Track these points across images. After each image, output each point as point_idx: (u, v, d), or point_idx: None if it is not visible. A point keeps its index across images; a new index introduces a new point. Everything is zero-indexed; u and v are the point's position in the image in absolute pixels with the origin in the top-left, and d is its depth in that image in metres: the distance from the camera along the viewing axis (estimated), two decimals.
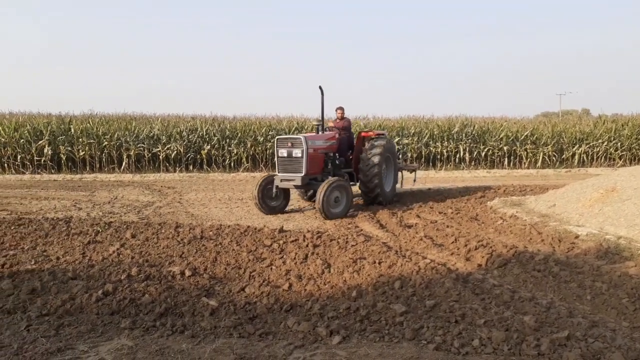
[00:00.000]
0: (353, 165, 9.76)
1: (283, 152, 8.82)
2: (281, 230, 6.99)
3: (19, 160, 16.82)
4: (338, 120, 10.05)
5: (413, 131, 18.82)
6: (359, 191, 9.71)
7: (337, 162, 9.41)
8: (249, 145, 17.75)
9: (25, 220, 8.00)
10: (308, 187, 9.12)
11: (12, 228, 7.34)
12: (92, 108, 22.90)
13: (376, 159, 9.18)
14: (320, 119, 9.52)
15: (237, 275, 5.17)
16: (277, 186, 8.92)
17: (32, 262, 5.51)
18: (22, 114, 20.28)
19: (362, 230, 7.28)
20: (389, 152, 9.80)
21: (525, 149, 19.44)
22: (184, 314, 4.16)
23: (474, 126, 19.76)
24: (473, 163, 19.19)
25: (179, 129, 18.36)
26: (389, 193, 9.88)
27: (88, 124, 18.12)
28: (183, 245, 6.34)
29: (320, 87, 9.36)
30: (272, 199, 9.17)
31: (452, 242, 6.42)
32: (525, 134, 19.61)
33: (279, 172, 8.97)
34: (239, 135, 18.11)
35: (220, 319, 4.01)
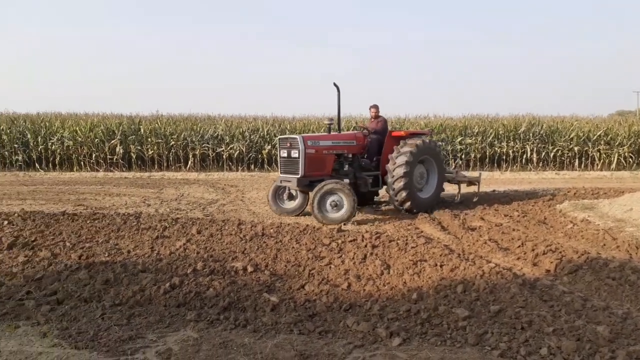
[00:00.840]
0: (381, 167, 9.12)
1: (283, 153, 8.65)
2: (339, 230, 7.01)
3: (93, 159, 17.91)
4: (372, 120, 9.69)
5: (477, 130, 18.25)
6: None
7: (362, 164, 9.02)
8: None
9: (99, 215, 8.50)
10: (310, 188, 8.37)
11: (88, 222, 7.82)
12: (160, 109, 23.96)
13: (403, 159, 8.51)
14: (331, 118, 9.36)
15: (296, 272, 5.23)
16: (288, 187, 8.82)
17: (106, 255, 5.84)
18: (96, 115, 21.56)
19: (422, 232, 7.15)
20: (427, 153, 8.98)
21: (598, 150, 18.36)
22: (246, 308, 4.26)
23: (542, 125, 18.88)
24: (541, 164, 18.35)
25: (241, 129, 18.86)
26: (425, 200, 8.99)
27: (156, 124, 18.99)
28: (245, 241, 6.50)
29: (335, 85, 8.99)
30: (286, 200, 9.13)
31: (519, 246, 6.17)
32: (598, 133, 18.51)
33: (280, 173, 8.86)
34: None
35: (281, 315, 4.07)
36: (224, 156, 18.24)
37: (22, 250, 5.97)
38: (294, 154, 8.43)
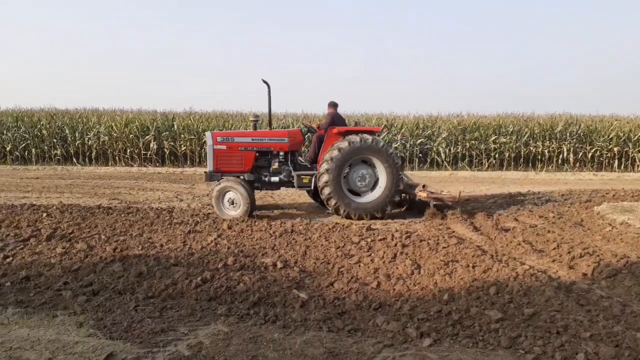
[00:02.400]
0: (317, 166, 8.55)
1: (205, 148, 8.51)
2: (369, 229, 6.97)
3: (128, 154, 18.32)
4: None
5: (511, 129, 17.83)
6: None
7: (298, 163, 8.81)
8: None
9: (134, 209, 8.69)
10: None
11: (122, 216, 8.01)
12: (192, 106, 24.31)
13: (328, 159, 8.08)
14: (256, 114, 9.08)
15: (325, 270, 5.23)
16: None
17: (140, 248, 5.96)
18: (131, 111, 22.04)
19: (454, 232, 7.03)
20: (364, 153, 8.22)
21: (639, 151, 17.67)
22: (276, 304, 4.28)
23: (580, 125, 18.30)
24: (578, 165, 17.80)
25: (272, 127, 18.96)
26: (366, 205, 8.19)
27: (189, 121, 19.27)
28: (275, 238, 6.53)
29: (265, 81, 8.74)
30: None
31: (554, 248, 6.00)
32: None
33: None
34: None
35: (310, 312, 4.08)
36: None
37: (59, 242, 6.15)
38: (207, 149, 8.65)
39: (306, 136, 9.54)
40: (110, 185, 12.40)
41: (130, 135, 18.34)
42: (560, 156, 17.74)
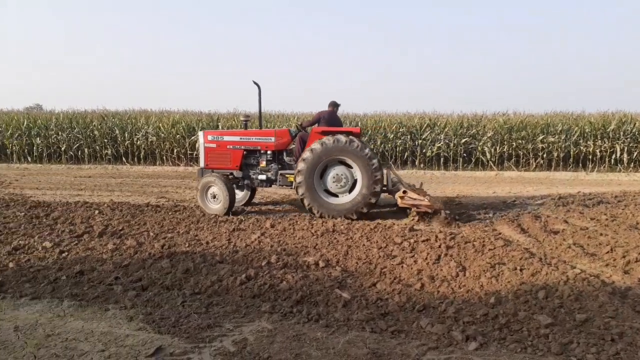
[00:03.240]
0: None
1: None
2: (412, 229, 6.88)
3: (174, 154, 18.84)
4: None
5: (560, 128, 17.18)
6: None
7: (284, 162, 8.87)
8: (378, 142, 17.77)
9: (180, 207, 8.94)
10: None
11: (170, 214, 8.25)
12: (237, 107, 24.74)
13: (301, 161, 8.14)
14: (247, 114, 9.42)
15: (368, 270, 5.20)
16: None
17: (186, 245, 6.12)
18: (177, 112, 22.64)
19: (500, 233, 6.85)
20: (339, 154, 8.03)
21: None
22: (319, 303, 4.30)
23: (635, 123, 17.42)
24: (632, 165, 16.96)
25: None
26: (340, 207, 8.07)
27: (233, 122, 19.63)
28: (316, 237, 6.56)
29: (255, 83, 8.97)
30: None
31: (607, 252, 5.74)
32: None
33: None
34: (369, 132, 18.22)
35: (353, 312, 4.07)
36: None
37: (111, 239, 6.40)
38: (199, 147, 9.11)
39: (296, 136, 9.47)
40: (158, 184, 12.78)
41: (177, 136, 18.84)
42: (613, 156, 16.95)
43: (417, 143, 17.37)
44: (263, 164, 8.83)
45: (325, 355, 3.31)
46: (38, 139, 19.01)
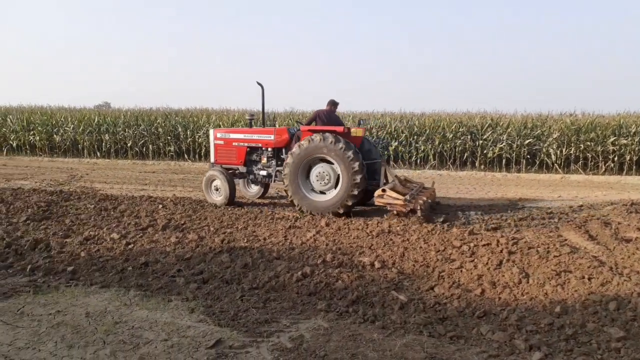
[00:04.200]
0: None
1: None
2: (471, 233, 6.68)
3: None
4: None
5: (634, 130, 16.11)
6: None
7: (282, 159, 9.02)
8: (437, 142, 17.40)
9: (238, 203, 9.15)
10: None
11: (229, 209, 8.47)
12: (293, 106, 25.08)
13: (288, 161, 8.41)
14: (252, 113, 10.22)
15: (425, 273, 5.11)
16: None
17: (245, 240, 6.26)
18: (237, 110, 23.21)
19: (566, 240, 6.52)
20: (321, 153, 8.11)
21: None
22: (374, 304, 4.27)
23: None
24: None
25: (368, 126, 18.93)
26: (324, 204, 8.19)
27: (289, 120, 19.88)
28: (372, 237, 6.51)
29: (259, 83, 9.49)
30: (251, 186, 10.38)
31: None
32: None
33: None
34: (427, 131, 17.87)
35: (410, 315, 4.01)
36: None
37: (173, 232, 6.65)
38: (210, 144, 9.81)
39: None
40: None
41: None
42: None
43: (477, 143, 16.85)
44: (264, 160, 9.31)
45: (382, 357, 3.28)
46: (107, 135, 20.06)
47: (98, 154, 20.11)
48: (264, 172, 9.29)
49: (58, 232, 6.59)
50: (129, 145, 19.87)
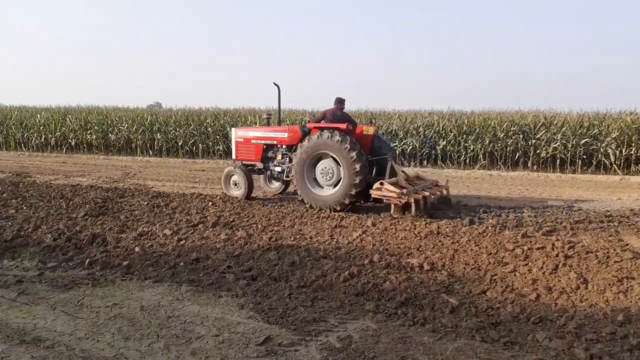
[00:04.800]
0: None
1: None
2: (525, 235, 6.44)
3: None
4: None
5: None
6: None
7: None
8: (487, 142, 16.92)
9: (284, 202, 9.22)
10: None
11: (276, 208, 8.55)
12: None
13: (294, 159, 8.84)
14: (269, 112, 10.72)
15: (476, 276, 4.97)
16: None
17: (292, 239, 6.30)
18: (284, 110, 23.42)
19: (627, 244, 6.17)
20: (324, 149, 8.47)
21: None
22: (424, 307, 4.19)
23: None
24: None
25: (416, 125, 18.67)
26: (326, 198, 8.48)
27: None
28: (420, 238, 6.39)
29: (275, 84, 9.97)
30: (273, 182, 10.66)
31: None
32: None
33: None
34: (476, 130, 17.41)
35: (461, 319, 3.91)
36: (397, 151, 18.24)
37: (223, 229, 6.78)
38: (232, 142, 10.36)
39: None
40: None
41: None
42: None
43: (530, 143, 16.27)
44: (279, 157, 9.72)
45: None
46: (159, 134, 20.74)
47: (150, 152, 20.81)
48: (278, 168, 9.71)
49: (114, 228, 6.86)
50: (179, 144, 20.45)
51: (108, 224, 7.08)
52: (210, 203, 8.82)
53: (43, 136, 22.46)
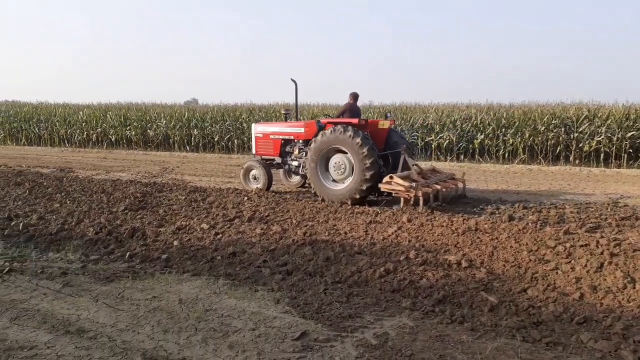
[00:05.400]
0: None
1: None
2: (567, 232, 6.23)
3: None
4: None
5: None
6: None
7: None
8: (527, 135, 16.43)
9: (319, 197, 9.23)
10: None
11: (310, 203, 8.56)
12: (372, 99, 24.90)
13: (309, 154, 8.97)
14: (287, 108, 10.94)
15: (516, 274, 4.83)
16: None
17: (326, 234, 6.29)
18: (317, 105, 23.47)
19: None
20: (336, 144, 8.61)
21: None
22: (462, 305, 4.10)
23: None
24: None
25: (453, 118, 18.33)
26: (338, 192, 8.60)
27: (369, 114, 19.76)
28: (457, 235, 6.27)
29: (293, 80, 10.11)
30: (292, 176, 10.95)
31: None
32: None
33: None
34: (516, 124, 16.93)
35: (501, 318, 3.81)
36: (433, 145, 17.98)
37: (258, 224, 6.84)
38: (252, 137, 10.66)
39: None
40: None
41: None
42: None
43: (572, 136, 15.72)
44: (296, 151, 9.93)
45: (472, 359, 3.14)
46: (195, 130, 21.12)
47: (187, 147, 21.22)
48: (295, 163, 9.90)
49: (153, 222, 7.02)
50: (215, 139, 20.77)
51: (147, 218, 7.26)
52: (245, 198, 8.91)
53: (85, 132, 23.26)
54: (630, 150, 15.17)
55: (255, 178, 10.13)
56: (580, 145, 15.56)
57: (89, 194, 9.38)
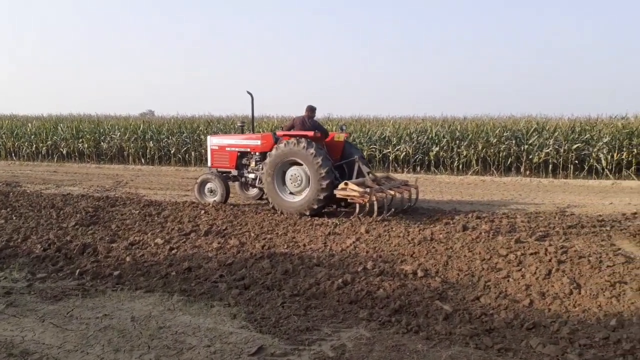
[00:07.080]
0: None
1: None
2: (518, 241, 6.45)
3: None
4: None
5: None
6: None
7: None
8: (480, 147, 16.98)
9: (277, 210, 9.19)
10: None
11: (269, 215, 8.52)
12: (331, 112, 25.13)
13: (263, 167, 9.07)
14: (242, 120, 11.21)
15: (470, 282, 4.96)
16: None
17: (285, 247, 6.26)
18: (277, 117, 23.48)
19: (619, 249, 6.20)
20: (292, 156, 8.70)
21: None
22: (418, 314, 4.17)
23: None
24: None
25: (409, 131, 18.72)
26: (295, 204, 8.68)
27: (328, 126, 19.92)
28: (413, 245, 6.38)
29: (248, 92, 10.33)
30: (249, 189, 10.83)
31: None
32: None
33: None
34: (469, 136, 17.47)
35: (455, 326, 3.89)
36: (390, 157, 18.28)
37: (215, 238, 6.73)
38: (207, 149, 10.53)
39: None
40: None
41: None
42: None
43: (522, 148, 16.34)
44: (252, 164, 9.91)
45: None
46: (151, 142, 20.65)
47: (142, 160, 20.71)
48: (252, 175, 9.88)
49: (105, 237, 6.79)
50: (172, 152, 20.37)
51: (99, 234, 7.01)
52: (202, 211, 8.76)
53: (34, 145, 22.31)
54: (576, 162, 15.92)
55: (211, 191, 9.99)
56: (530, 156, 16.19)
57: (37, 209, 8.99)
